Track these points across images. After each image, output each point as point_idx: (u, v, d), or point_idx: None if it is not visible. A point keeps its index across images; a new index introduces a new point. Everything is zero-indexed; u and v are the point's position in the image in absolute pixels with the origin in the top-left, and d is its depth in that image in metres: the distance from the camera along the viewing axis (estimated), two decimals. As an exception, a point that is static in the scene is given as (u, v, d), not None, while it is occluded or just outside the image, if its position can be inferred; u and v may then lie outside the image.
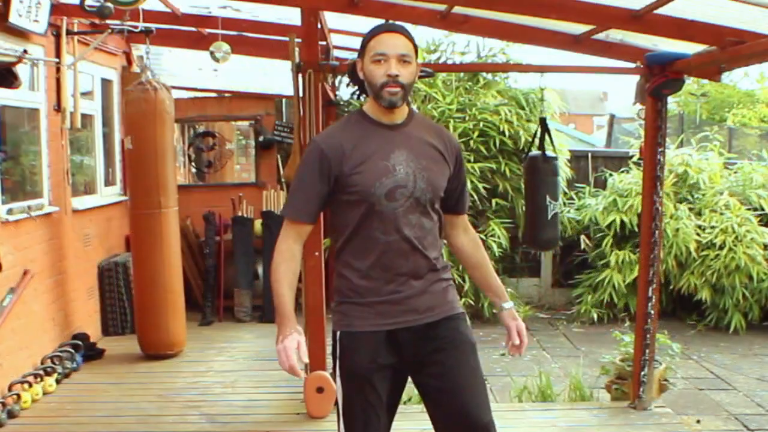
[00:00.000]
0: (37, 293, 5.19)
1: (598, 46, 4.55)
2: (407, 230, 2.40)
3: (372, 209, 2.38)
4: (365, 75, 2.41)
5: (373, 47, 2.39)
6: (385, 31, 2.42)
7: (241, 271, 7.08)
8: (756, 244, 7.22)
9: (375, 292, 2.42)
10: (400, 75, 2.35)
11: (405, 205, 2.39)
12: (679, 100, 17.72)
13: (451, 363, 2.45)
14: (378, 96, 2.39)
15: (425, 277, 2.46)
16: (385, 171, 2.38)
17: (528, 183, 4.94)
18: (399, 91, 2.36)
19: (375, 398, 2.43)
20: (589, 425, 4.44)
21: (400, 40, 2.38)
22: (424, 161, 2.42)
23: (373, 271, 2.42)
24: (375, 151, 2.40)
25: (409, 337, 2.44)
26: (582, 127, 27.53)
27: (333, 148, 2.41)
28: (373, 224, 2.39)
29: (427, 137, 2.48)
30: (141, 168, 5.59)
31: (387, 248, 2.40)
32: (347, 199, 2.41)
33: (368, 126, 2.45)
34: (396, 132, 2.44)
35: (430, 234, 2.46)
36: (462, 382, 2.45)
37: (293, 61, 4.37)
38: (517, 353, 2.62)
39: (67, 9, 5.41)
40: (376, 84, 2.37)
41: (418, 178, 2.40)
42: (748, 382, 5.88)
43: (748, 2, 3.34)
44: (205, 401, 4.82)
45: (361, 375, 2.43)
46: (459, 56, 7.96)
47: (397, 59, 2.35)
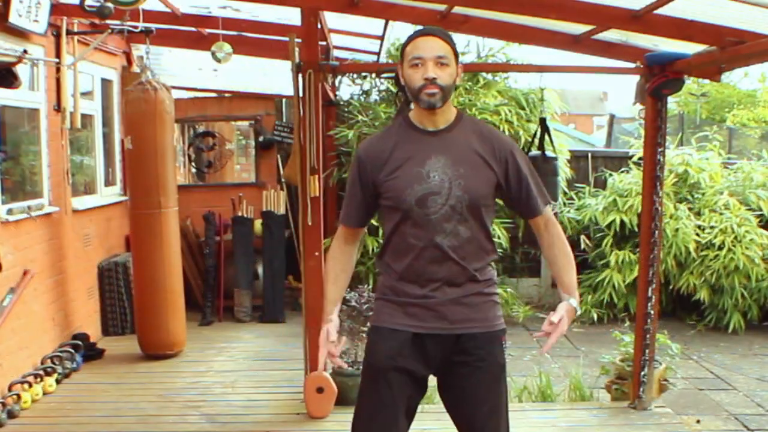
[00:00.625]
0: (37, 293, 5.20)
1: (598, 46, 4.55)
2: (440, 238, 2.38)
3: (406, 215, 2.40)
4: (405, 80, 2.42)
5: (410, 52, 2.40)
6: (422, 35, 2.43)
7: (241, 271, 7.08)
8: (755, 245, 7.22)
9: (409, 294, 2.44)
10: (438, 77, 2.35)
11: (439, 213, 2.38)
12: (679, 100, 17.74)
13: (474, 383, 2.44)
14: (417, 99, 2.40)
15: (462, 286, 2.42)
16: (418, 178, 2.38)
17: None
18: (437, 93, 2.36)
19: (387, 395, 2.43)
20: (589, 425, 4.44)
21: (437, 43, 2.39)
22: (462, 168, 2.39)
23: (407, 275, 2.44)
24: (411, 158, 2.41)
25: (437, 346, 2.43)
26: (582, 127, 27.57)
27: (370, 155, 2.47)
28: (407, 230, 2.41)
29: (471, 142, 2.44)
30: (141, 168, 5.59)
31: (420, 254, 2.41)
32: (385, 205, 2.46)
33: (409, 132, 2.46)
34: (436, 138, 2.43)
35: (469, 243, 2.41)
36: (481, 405, 2.45)
37: (293, 61, 4.37)
38: (545, 338, 2.44)
39: (67, 9, 5.41)
40: (414, 88, 2.38)
41: (453, 186, 2.37)
42: (748, 382, 5.88)
43: (748, 2, 3.34)
44: (205, 401, 4.82)
45: (377, 369, 2.46)
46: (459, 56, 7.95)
47: (434, 62, 2.36)
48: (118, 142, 6.95)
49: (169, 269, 5.67)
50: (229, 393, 5.02)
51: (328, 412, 4.42)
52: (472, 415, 2.46)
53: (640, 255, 4.65)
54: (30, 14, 4.86)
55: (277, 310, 7.01)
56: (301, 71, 4.34)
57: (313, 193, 4.36)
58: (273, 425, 4.41)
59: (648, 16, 3.78)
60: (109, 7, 4.93)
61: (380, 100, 7.79)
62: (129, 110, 5.70)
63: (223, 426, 4.41)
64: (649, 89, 4.34)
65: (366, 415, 2.48)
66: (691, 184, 7.80)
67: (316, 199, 4.38)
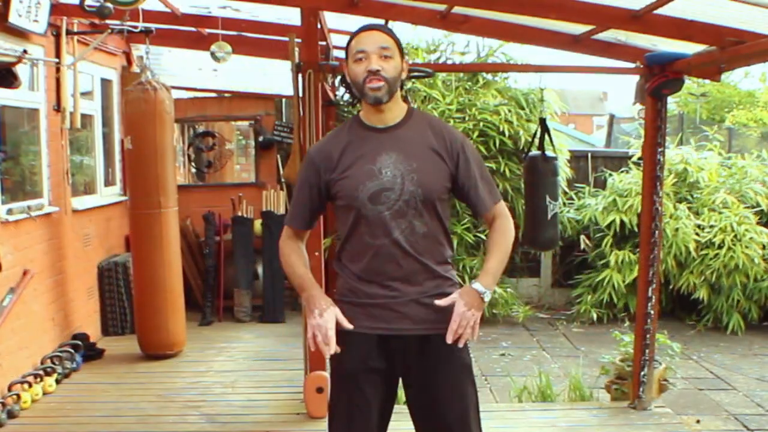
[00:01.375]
0: (37, 293, 5.19)
1: (598, 46, 4.55)
2: (396, 234, 2.36)
3: (359, 213, 2.37)
4: (350, 76, 2.41)
5: (353, 47, 2.40)
6: (365, 30, 2.42)
7: (240, 271, 7.08)
8: (755, 243, 7.22)
9: (369, 295, 2.41)
10: (382, 69, 2.33)
11: (393, 208, 2.35)
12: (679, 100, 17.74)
13: (439, 382, 2.41)
14: (363, 94, 2.38)
15: (423, 284, 2.40)
16: (370, 174, 2.36)
17: (528, 183, 4.94)
18: (382, 86, 2.34)
19: (361, 399, 2.41)
20: (589, 425, 4.44)
21: (379, 36, 2.38)
22: (415, 163, 2.37)
23: (366, 275, 2.41)
24: (362, 156, 2.39)
25: (401, 346, 2.41)
26: (582, 127, 27.56)
27: (322, 156, 2.45)
28: (362, 228, 2.38)
29: (423, 137, 2.43)
30: (141, 168, 5.59)
31: (377, 252, 2.38)
32: (339, 204, 2.44)
33: (360, 131, 2.45)
34: (387, 134, 2.42)
35: (425, 239, 2.39)
36: (447, 405, 2.41)
37: (293, 61, 4.38)
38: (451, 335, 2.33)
39: (67, 9, 5.41)
40: (359, 82, 2.37)
41: (406, 180, 2.35)
42: (748, 382, 5.88)
43: (748, 2, 3.34)
44: (204, 401, 4.82)
45: (348, 375, 2.43)
46: (459, 56, 7.96)
47: (377, 54, 2.35)
48: (118, 142, 6.95)
49: (169, 269, 5.67)
50: (229, 393, 5.02)
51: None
52: (440, 419, 2.42)
53: (640, 255, 4.65)
54: (30, 14, 4.86)
55: (277, 310, 7.01)
56: (301, 71, 4.34)
57: (313, 193, 4.35)
58: (273, 425, 4.41)
59: (648, 16, 3.78)
60: (109, 7, 4.93)
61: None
62: (129, 110, 5.70)
63: (223, 426, 4.41)
64: (648, 89, 4.34)
65: (342, 421, 2.46)
66: (690, 183, 7.80)
67: (315, 199, 4.37)
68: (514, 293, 7.70)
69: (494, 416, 4.42)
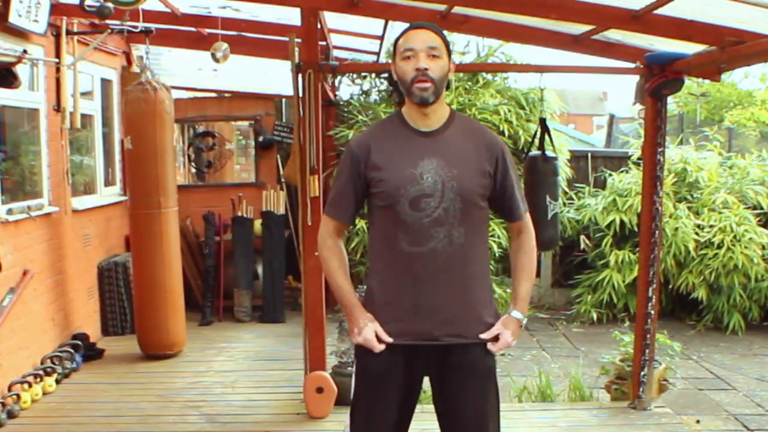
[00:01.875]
0: (37, 293, 5.19)
1: (598, 46, 4.56)
2: (434, 243, 2.33)
3: (397, 218, 2.34)
4: (397, 74, 2.40)
5: (402, 45, 2.39)
6: (414, 28, 2.42)
7: (240, 271, 7.08)
8: (754, 244, 7.22)
9: (398, 302, 2.39)
10: (430, 69, 2.33)
11: (432, 216, 2.32)
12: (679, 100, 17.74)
13: (459, 386, 2.42)
14: (409, 93, 2.37)
15: (454, 294, 2.37)
16: (411, 179, 2.33)
17: (528, 183, 4.94)
18: (429, 86, 2.33)
19: (383, 403, 2.42)
20: (589, 425, 4.44)
21: (428, 35, 2.38)
22: (456, 169, 2.34)
23: (397, 281, 2.38)
24: (403, 158, 2.37)
25: (427, 353, 2.40)
26: (582, 127, 27.56)
27: (362, 147, 2.43)
28: (399, 234, 2.34)
29: (465, 142, 2.41)
30: (141, 168, 5.59)
31: (412, 260, 2.34)
32: (377, 204, 2.41)
33: (401, 130, 2.43)
34: (429, 138, 2.40)
35: (462, 248, 2.36)
36: (470, 410, 2.43)
37: (293, 61, 4.38)
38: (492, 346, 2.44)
39: (67, 9, 5.41)
40: (406, 80, 2.36)
41: (447, 188, 2.32)
42: (748, 382, 5.88)
43: (748, 2, 3.34)
44: (204, 401, 4.82)
45: (371, 376, 2.44)
46: (459, 56, 7.96)
47: (425, 53, 2.34)
48: (118, 142, 6.95)
49: (169, 269, 5.67)
50: (229, 393, 5.02)
51: (328, 412, 4.42)
52: (463, 421, 2.43)
53: (640, 255, 4.65)
54: (30, 14, 4.86)
55: (276, 310, 7.00)
56: (300, 71, 4.34)
57: (313, 193, 4.36)
58: (273, 425, 4.41)
59: (648, 16, 3.78)
60: (109, 7, 4.93)
61: (380, 100, 7.80)
62: (129, 110, 5.70)
63: (223, 426, 4.41)
64: (648, 89, 4.34)
65: (362, 419, 2.47)
66: (689, 183, 7.80)
67: (315, 199, 4.38)
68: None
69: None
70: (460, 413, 2.43)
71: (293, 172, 4.93)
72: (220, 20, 6.03)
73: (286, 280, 7.29)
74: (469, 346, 2.41)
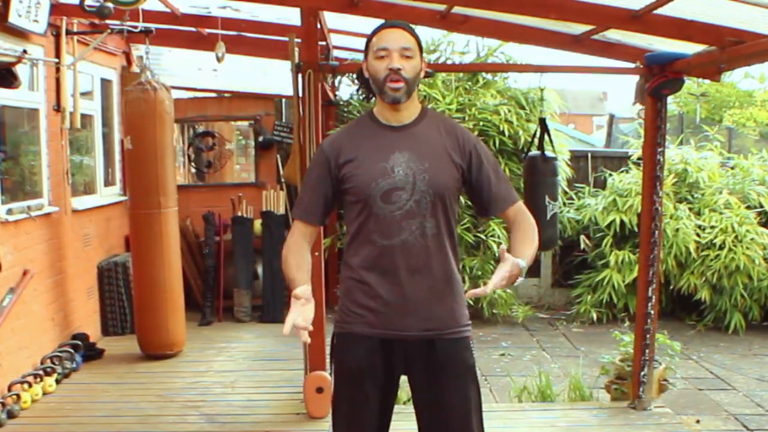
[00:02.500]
0: (37, 293, 5.19)
1: (598, 46, 4.55)
2: (405, 235, 2.34)
3: (370, 211, 2.35)
4: (369, 72, 2.40)
5: (375, 43, 2.39)
6: (387, 27, 2.42)
7: (240, 271, 7.08)
8: (756, 244, 7.22)
9: (372, 297, 2.39)
10: (403, 69, 2.33)
11: (404, 209, 2.33)
12: (679, 100, 17.75)
13: (443, 384, 2.40)
14: (381, 92, 2.37)
15: (428, 288, 2.37)
16: (383, 172, 2.34)
17: (527, 183, 4.94)
18: (402, 86, 2.34)
19: (362, 398, 2.41)
20: (589, 425, 4.44)
21: (402, 35, 2.38)
22: (427, 162, 2.35)
23: (370, 275, 2.38)
24: (375, 152, 2.38)
25: (404, 348, 2.40)
26: (582, 127, 27.55)
27: (335, 149, 2.43)
28: (371, 227, 2.36)
29: (436, 136, 2.42)
30: (141, 168, 5.59)
31: (384, 252, 2.35)
32: (349, 200, 2.42)
33: (373, 127, 2.44)
34: (400, 133, 2.41)
35: (434, 240, 2.36)
36: (450, 406, 2.41)
37: (293, 61, 4.38)
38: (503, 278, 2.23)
39: (67, 9, 5.41)
40: (379, 79, 2.36)
41: (418, 180, 2.34)
42: (748, 382, 5.88)
43: (748, 2, 3.34)
44: (204, 401, 4.82)
45: (349, 375, 2.43)
46: (459, 56, 7.96)
47: (399, 53, 2.34)
48: (118, 142, 6.95)
49: (169, 269, 5.67)
50: (229, 393, 5.02)
51: (328, 412, 4.42)
52: (445, 421, 2.42)
53: (640, 255, 4.65)
54: (30, 14, 4.85)
55: (276, 310, 7.00)
56: (300, 71, 4.34)
57: (313, 193, 4.35)
58: (273, 425, 4.41)
59: (648, 16, 3.78)
60: (109, 7, 4.93)
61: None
62: (129, 110, 5.70)
63: (222, 426, 4.41)
64: (648, 89, 4.34)
65: (343, 419, 2.46)
66: (690, 183, 7.80)
67: (315, 199, 4.37)
68: (514, 293, 7.70)
69: (494, 416, 4.41)
70: (442, 413, 2.42)
71: (293, 172, 4.92)
72: (220, 20, 6.03)
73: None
74: (446, 342, 2.39)
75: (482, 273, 7.30)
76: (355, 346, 2.42)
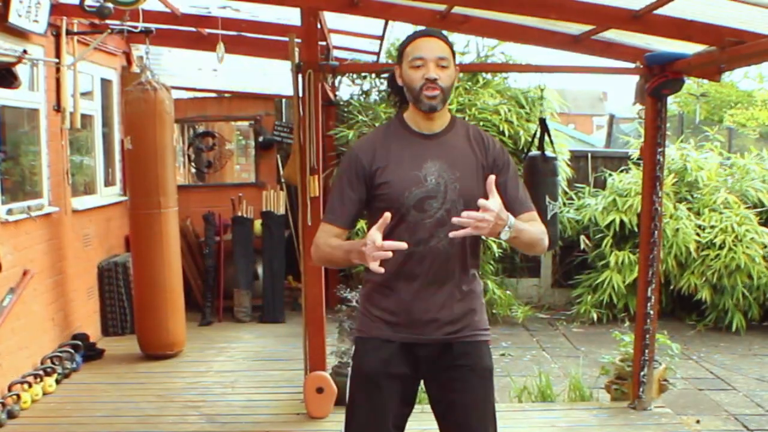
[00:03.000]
0: (37, 293, 5.19)
1: (598, 46, 4.55)
2: (434, 242, 2.35)
3: (401, 219, 2.35)
4: (404, 81, 2.40)
5: (410, 52, 2.39)
6: (423, 36, 2.43)
7: (240, 272, 7.08)
8: (756, 243, 7.21)
9: (395, 301, 2.40)
10: (439, 78, 2.35)
11: (435, 217, 2.35)
12: (679, 100, 17.75)
13: (463, 389, 2.42)
14: (417, 100, 2.38)
15: (451, 293, 2.39)
16: (416, 181, 2.35)
17: (527, 183, 4.92)
18: (438, 95, 2.35)
19: (379, 401, 2.42)
20: (589, 425, 4.44)
21: (438, 44, 2.40)
22: (458, 171, 2.37)
23: (395, 281, 2.39)
24: (407, 161, 2.38)
25: (425, 353, 2.41)
26: (582, 127, 27.56)
27: (367, 153, 2.43)
28: (402, 235, 2.34)
29: (466, 145, 2.43)
30: (141, 168, 5.59)
31: (411, 258, 2.36)
32: (377, 206, 2.40)
33: (405, 134, 2.44)
34: (432, 141, 2.42)
35: (460, 247, 2.38)
36: (471, 411, 2.43)
37: (293, 61, 4.38)
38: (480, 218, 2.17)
39: (67, 9, 5.41)
40: (415, 88, 2.36)
41: (449, 190, 2.35)
42: (748, 382, 5.88)
43: (748, 2, 3.34)
44: (204, 401, 4.82)
45: (368, 377, 2.43)
46: (459, 56, 7.95)
47: (435, 63, 2.36)
48: (118, 142, 6.95)
49: (169, 269, 5.67)
50: (229, 393, 5.02)
51: (328, 412, 4.42)
52: (464, 422, 2.43)
53: (640, 255, 4.65)
54: (30, 14, 4.86)
55: (276, 310, 7.01)
56: (300, 71, 4.34)
57: (313, 193, 4.36)
58: (273, 425, 4.41)
59: (648, 16, 3.78)
60: (109, 7, 4.93)
61: (380, 100, 7.79)
62: (129, 110, 5.70)
63: (222, 426, 4.41)
64: (648, 89, 4.34)
65: (359, 421, 2.46)
66: (689, 183, 7.79)
67: (315, 199, 4.38)
68: (514, 293, 7.70)
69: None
70: (463, 416, 2.43)
71: (293, 172, 4.92)
72: (220, 20, 6.03)
73: (286, 280, 7.29)
74: (468, 345, 2.42)
75: (482, 272, 7.28)
76: (375, 350, 2.42)
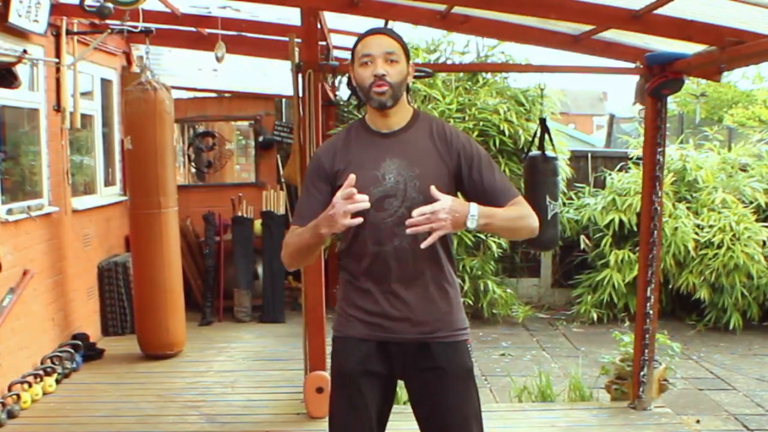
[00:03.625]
0: (37, 293, 5.19)
1: (598, 46, 4.56)
2: (398, 241, 2.34)
3: (364, 219, 2.31)
4: (356, 80, 2.40)
5: (359, 51, 2.39)
6: (371, 33, 2.42)
7: (240, 271, 7.08)
8: (754, 242, 7.21)
9: (368, 301, 2.40)
10: (387, 74, 2.33)
11: (395, 215, 2.33)
12: (679, 100, 17.75)
13: (442, 390, 2.40)
14: (368, 98, 2.38)
15: (423, 293, 2.38)
16: (374, 180, 2.34)
17: (528, 183, 4.95)
18: (387, 90, 2.34)
19: (359, 402, 2.41)
20: (589, 425, 4.44)
21: (385, 40, 2.38)
22: (418, 169, 2.35)
23: (365, 280, 2.40)
24: (366, 160, 2.38)
25: (400, 352, 2.40)
26: (582, 127, 27.56)
27: (328, 157, 2.44)
28: (365, 234, 2.35)
29: (427, 141, 2.41)
30: (141, 168, 5.59)
31: (377, 258, 2.36)
32: None
33: (364, 135, 2.45)
34: (390, 139, 2.41)
35: (431, 248, 2.32)
36: (450, 409, 2.41)
37: (293, 61, 4.38)
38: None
39: (67, 9, 5.41)
40: (365, 86, 2.36)
41: (408, 187, 2.33)
42: (748, 382, 5.88)
43: (748, 2, 3.34)
44: (204, 401, 4.82)
45: (347, 378, 2.43)
46: (458, 56, 7.96)
47: (383, 59, 2.34)
48: (118, 142, 6.95)
49: (169, 269, 5.67)
50: (229, 393, 5.02)
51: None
52: (446, 425, 2.42)
53: (640, 255, 4.65)
54: (30, 14, 4.86)
55: (276, 310, 7.01)
56: (300, 71, 4.35)
57: (313, 193, 4.35)
58: (273, 425, 4.41)
59: (648, 16, 3.78)
60: (109, 7, 4.93)
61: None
62: (129, 110, 5.70)
63: (222, 426, 4.41)
64: (648, 89, 4.34)
65: (341, 421, 2.46)
66: (688, 182, 7.79)
67: (315, 199, 4.37)
68: (514, 293, 7.70)
69: (494, 416, 4.42)
70: (442, 417, 2.42)
71: (293, 172, 4.92)
72: (220, 20, 6.03)
73: (286, 280, 7.29)
74: (446, 346, 2.40)
75: (482, 273, 7.31)
76: (352, 349, 2.42)
